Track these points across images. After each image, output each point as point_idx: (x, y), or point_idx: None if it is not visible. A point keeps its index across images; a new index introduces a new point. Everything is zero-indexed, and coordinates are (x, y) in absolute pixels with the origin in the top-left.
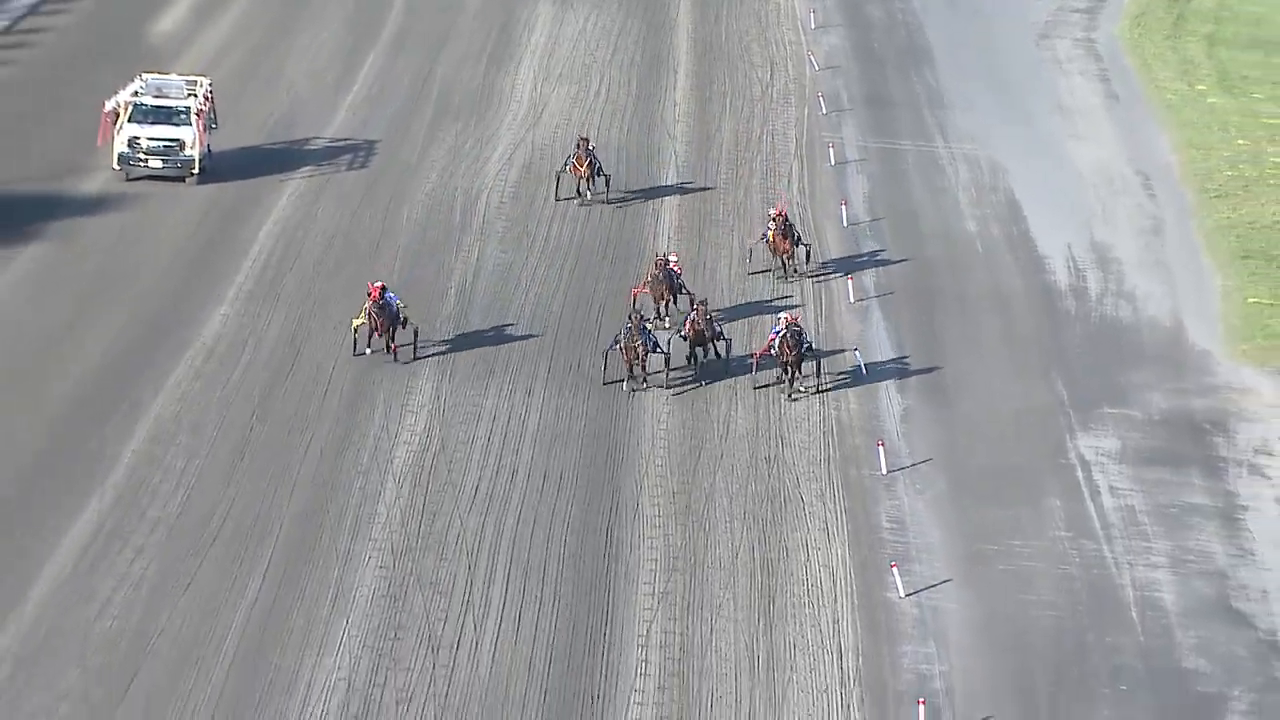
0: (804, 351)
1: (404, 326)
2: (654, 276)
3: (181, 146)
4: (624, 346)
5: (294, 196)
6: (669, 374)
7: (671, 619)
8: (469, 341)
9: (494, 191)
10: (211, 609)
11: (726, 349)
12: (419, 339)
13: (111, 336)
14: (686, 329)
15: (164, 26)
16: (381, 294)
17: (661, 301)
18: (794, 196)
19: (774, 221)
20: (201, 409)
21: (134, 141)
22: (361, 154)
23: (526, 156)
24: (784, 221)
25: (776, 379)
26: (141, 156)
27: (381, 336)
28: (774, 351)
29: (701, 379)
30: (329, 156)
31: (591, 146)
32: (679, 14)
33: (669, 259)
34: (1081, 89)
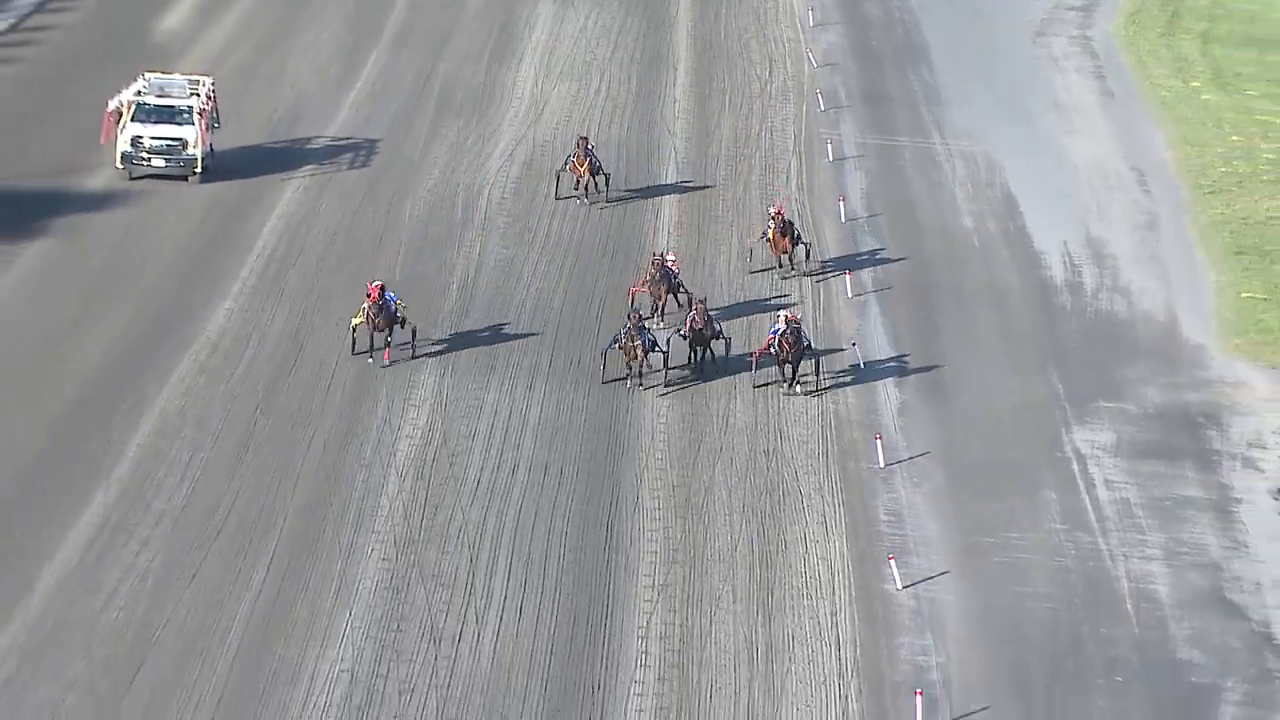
0: (803, 350)
1: (402, 327)
2: (651, 275)
3: (184, 145)
4: (623, 346)
5: (297, 193)
6: (668, 373)
7: (671, 611)
8: (471, 336)
9: (495, 188)
10: (216, 601)
11: (726, 347)
12: (417, 338)
13: (116, 332)
14: (686, 328)
15: (168, 24)
16: (381, 294)
17: (659, 300)
18: (792, 193)
19: (773, 220)
20: (206, 403)
21: (137, 140)
22: (364, 150)
23: (528, 153)
24: (783, 220)
25: (775, 379)
26: (144, 155)
27: (381, 334)
28: (774, 350)
29: (701, 377)
30: (332, 153)
31: (591, 146)
32: (679, 12)
33: (666, 258)
34: (1077, 86)
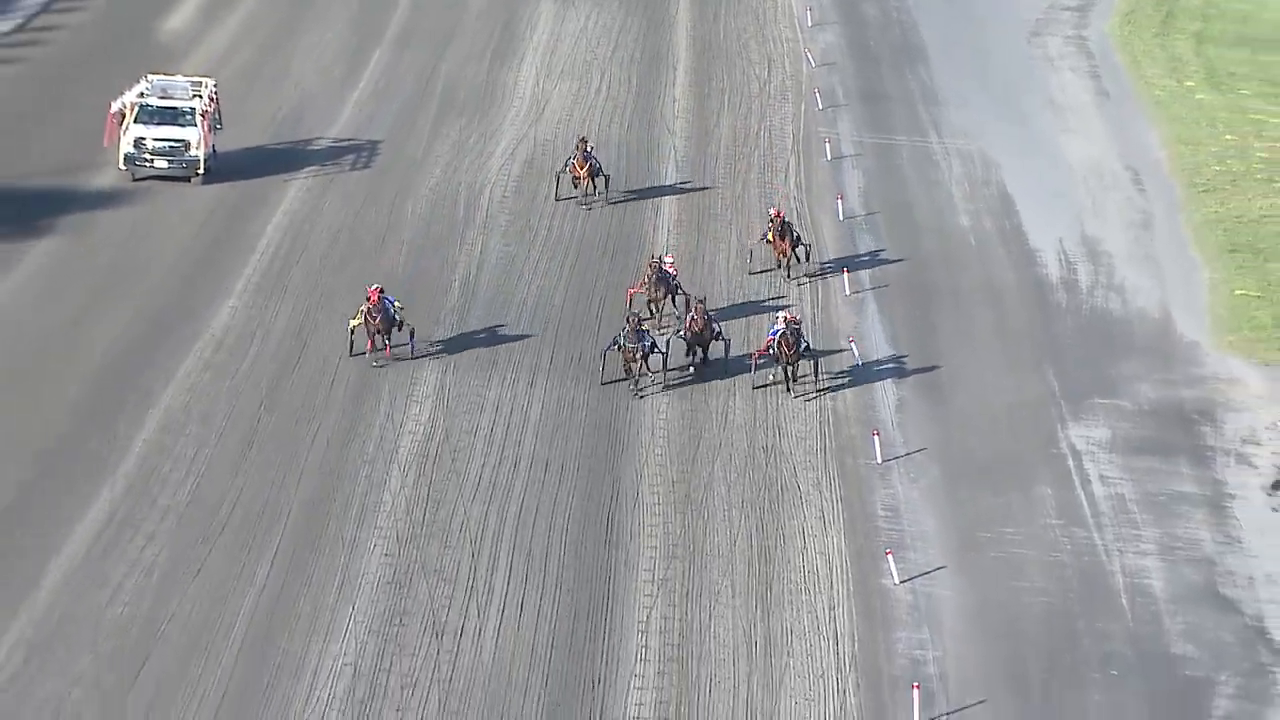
0: (802, 351)
1: (400, 329)
2: (649, 277)
3: (187, 147)
4: (621, 348)
5: (301, 191)
6: (666, 374)
7: (671, 605)
8: (472, 333)
9: (497, 186)
10: (220, 595)
11: (725, 349)
12: (415, 340)
13: (122, 329)
14: (685, 329)
15: (173, 25)
16: (380, 297)
17: (656, 302)
18: (791, 191)
19: (772, 222)
20: (210, 399)
21: (140, 142)
22: (367, 149)
23: (529, 152)
24: (782, 222)
25: (774, 380)
26: (147, 157)
27: (379, 336)
28: (773, 351)
29: (700, 378)
30: (335, 152)
31: (590, 148)
32: (678, 12)
33: (664, 260)
34: (1072, 85)
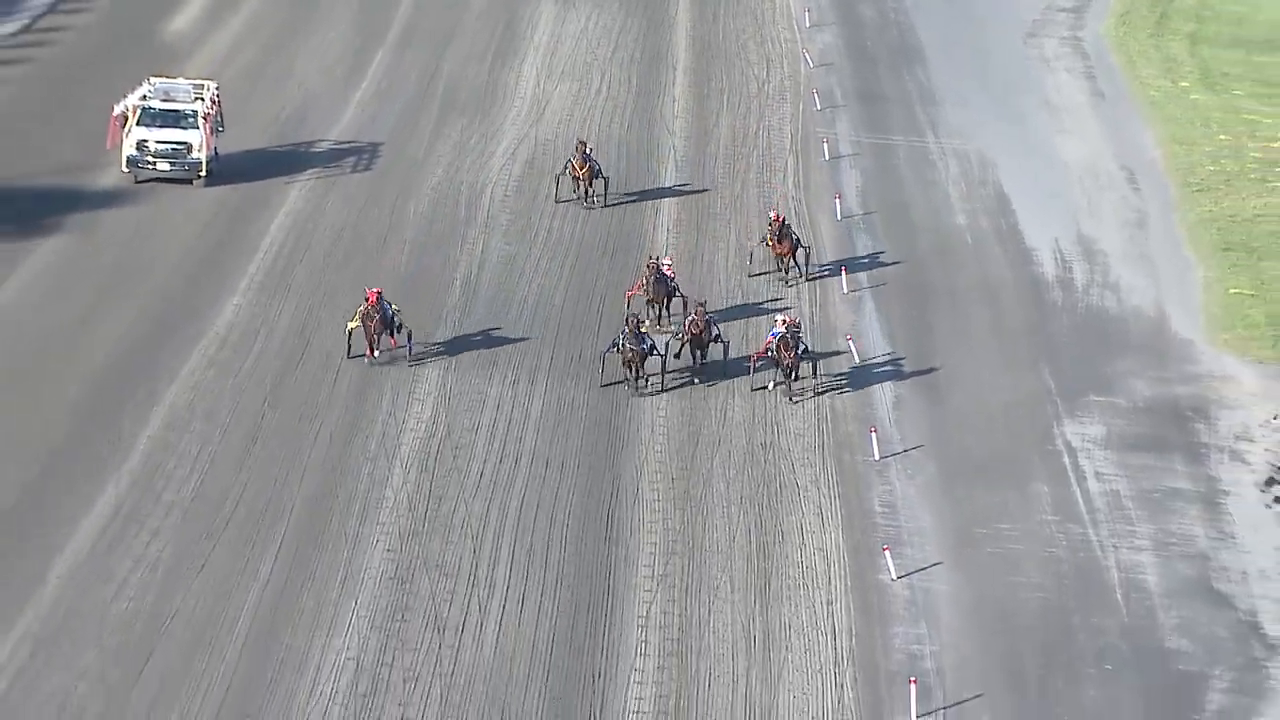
0: (801, 353)
1: (398, 331)
2: (647, 280)
3: (189, 149)
4: (621, 350)
5: (304, 191)
6: (666, 376)
7: (670, 600)
8: (473, 332)
9: (498, 186)
10: (224, 590)
11: (724, 350)
12: (413, 342)
13: (127, 327)
14: (685, 331)
15: (178, 25)
16: (379, 299)
17: (654, 304)
18: (789, 190)
19: (771, 225)
20: (215, 396)
21: (142, 144)
22: (369, 149)
23: (530, 152)
24: (781, 225)
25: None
26: (150, 159)
27: (377, 338)
28: (772, 353)
29: (698, 379)
30: (338, 152)
31: (590, 150)
32: (678, 13)
33: (662, 263)
34: (1068, 86)
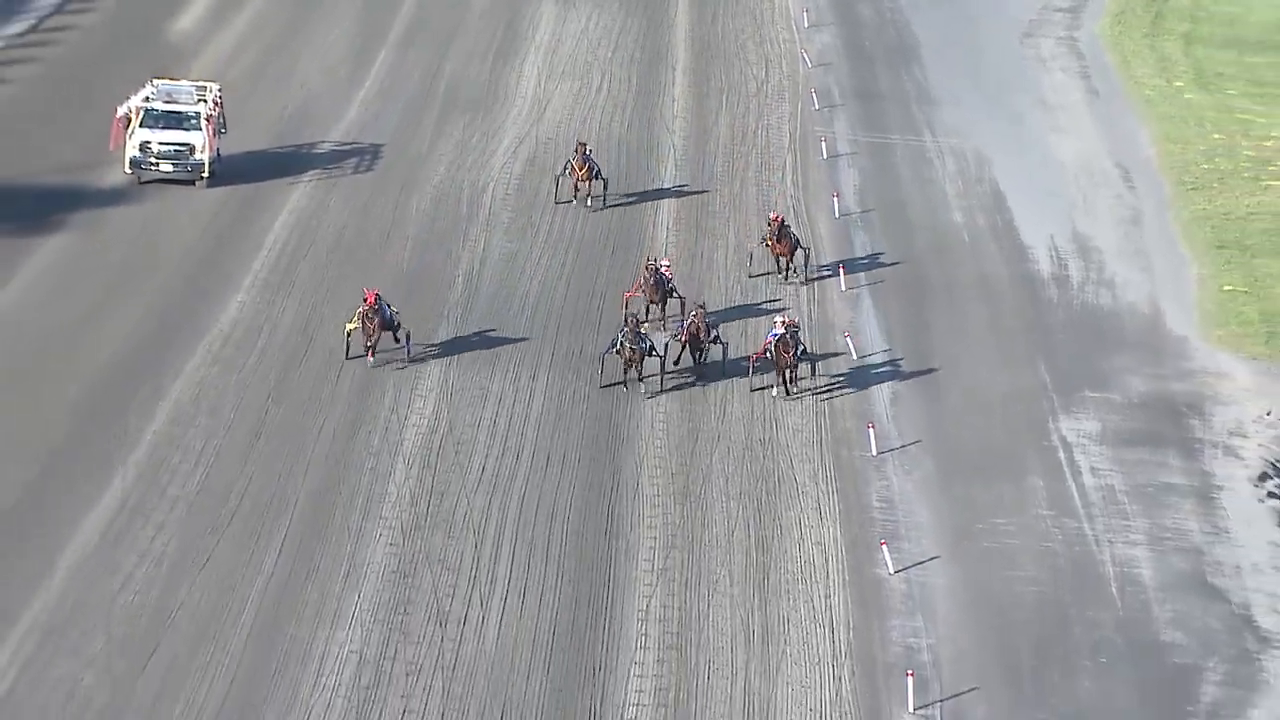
0: (800, 354)
1: (396, 332)
2: (645, 280)
3: (192, 151)
4: (620, 352)
5: (308, 189)
6: (664, 377)
7: (670, 594)
8: (475, 327)
9: (499, 184)
10: (229, 584)
11: (723, 351)
12: (411, 343)
13: (133, 324)
14: (684, 333)
15: (182, 25)
16: (377, 301)
17: (652, 306)
18: (787, 189)
19: (771, 225)
20: (219, 392)
21: (145, 146)
22: (372, 148)
23: (531, 150)
24: (781, 226)
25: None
26: (153, 160)
27: (375, 339)
28: (770, 354)
29: (697, 380)
30: (341, 150)
31: (589, 151)
32: (677, 13)
33: (660, 263)
34: (1064, 85)
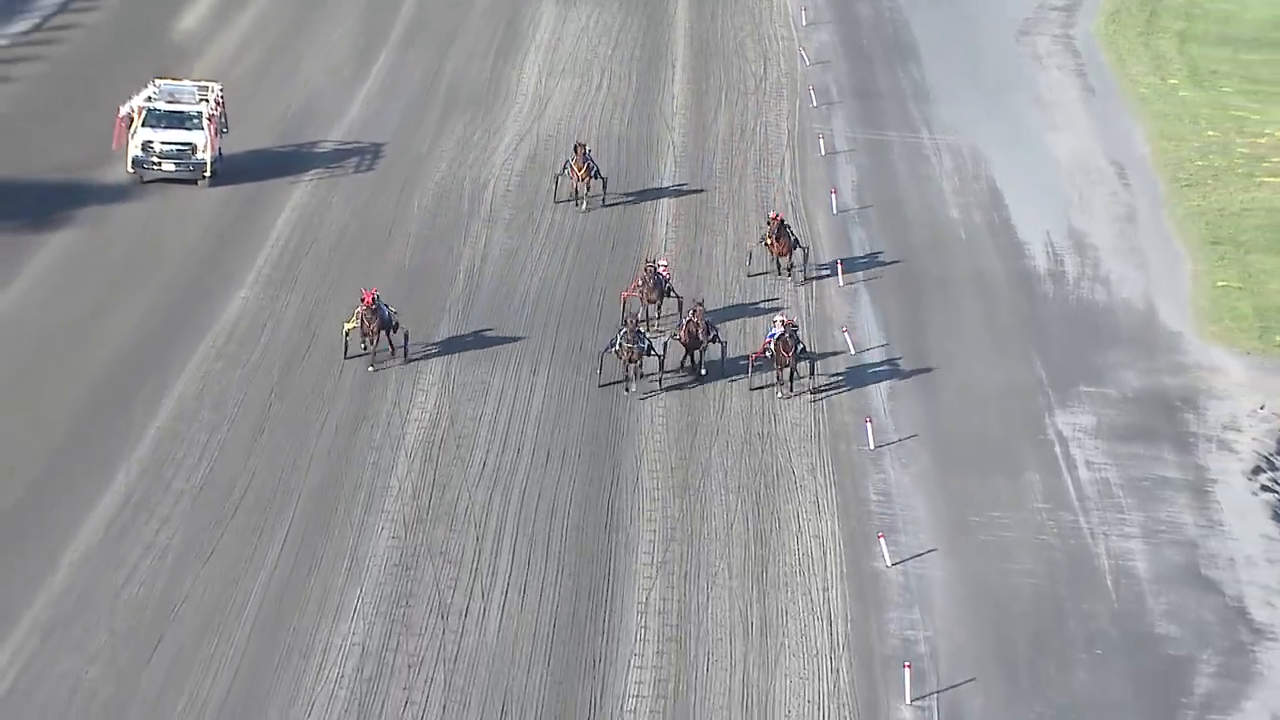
0: (799, 353)
1: (394, 331)
2: (643, 280)
3: (194, 150)
4: (619, 351)
5: (310, 186)
6: (663, 376)
7: (670, 587)
8: (476, 323)
9: (500, 180)
10: (233, 577)
11: (722, 351)
12: (409, 343)
13: (137, 320)
14: (682, 332)
15: (186, 24)
16: (374, 300)
17: (650, 305)
18: (786, 185)
19: (770, 225)
20: (223, 387)
21: (148, 145)
22: (375, 145)
23: (532, 147)
24: (780, 225)
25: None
26: (155, 160)
27: (373, 340)
28: (770, 354)
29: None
30: (344, 148)
31: (589, 151)
32: (677, 11)
33: (658, 263)
34: (1059, 83)
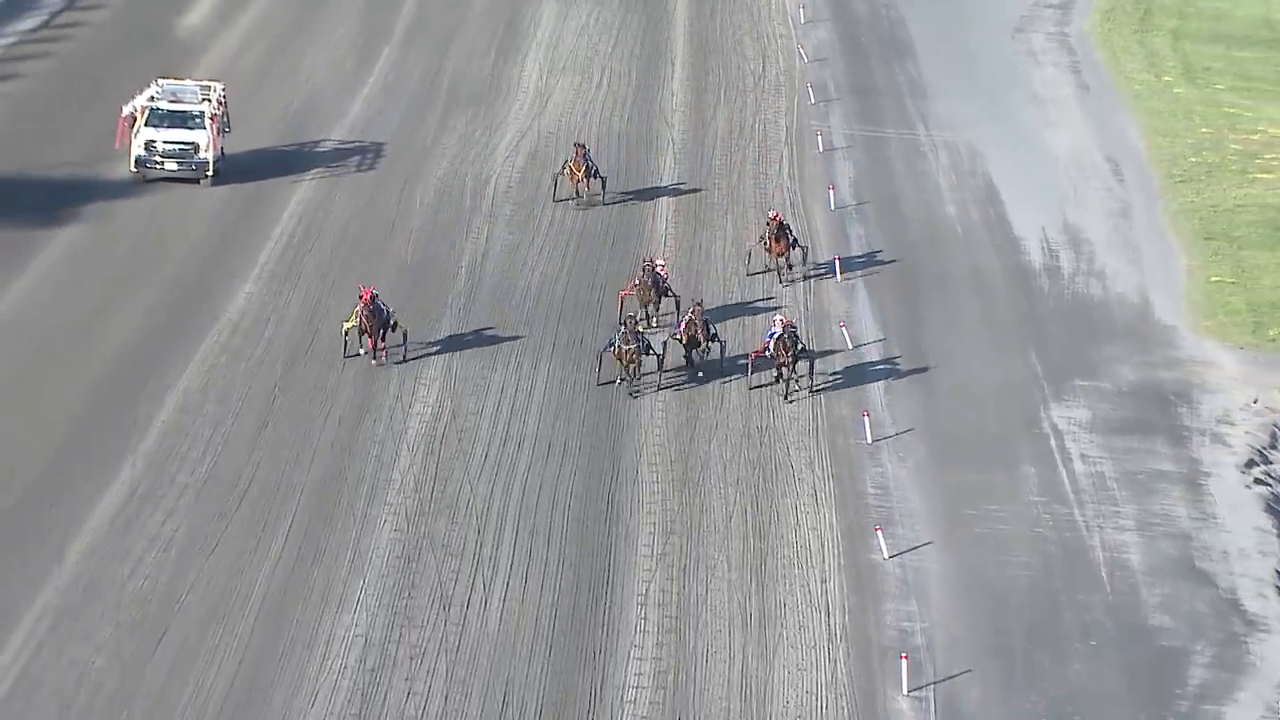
0: (799, 353)
1: (393, 330)
2: (640, 280)
3: (196, 149)
4: (618, 351)
5: (313, 183)
6: (662, 375)
7: (669, 579)
8: (478, 318)
9: (502, 177)
10: (237, 568)
11: (721, 350)
12: (408, 342)
13: (142, 315)
14: (681, 331)
15: (191, 21)
16: (373, 299)
17: (648, 304)
18: (784, 181)
19: (769, 225)
20: (227, 381)
21: (150, 145)
22: (377, 142)
23: (532, 144)
24: (778, 225)
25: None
26: (158, 159)
27: (371, 338)
28: (769, 353)
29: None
30: (346, 145)
31: (588, 152)
32: (676, 9)
33: (655, 263)
34: (1055, 80)
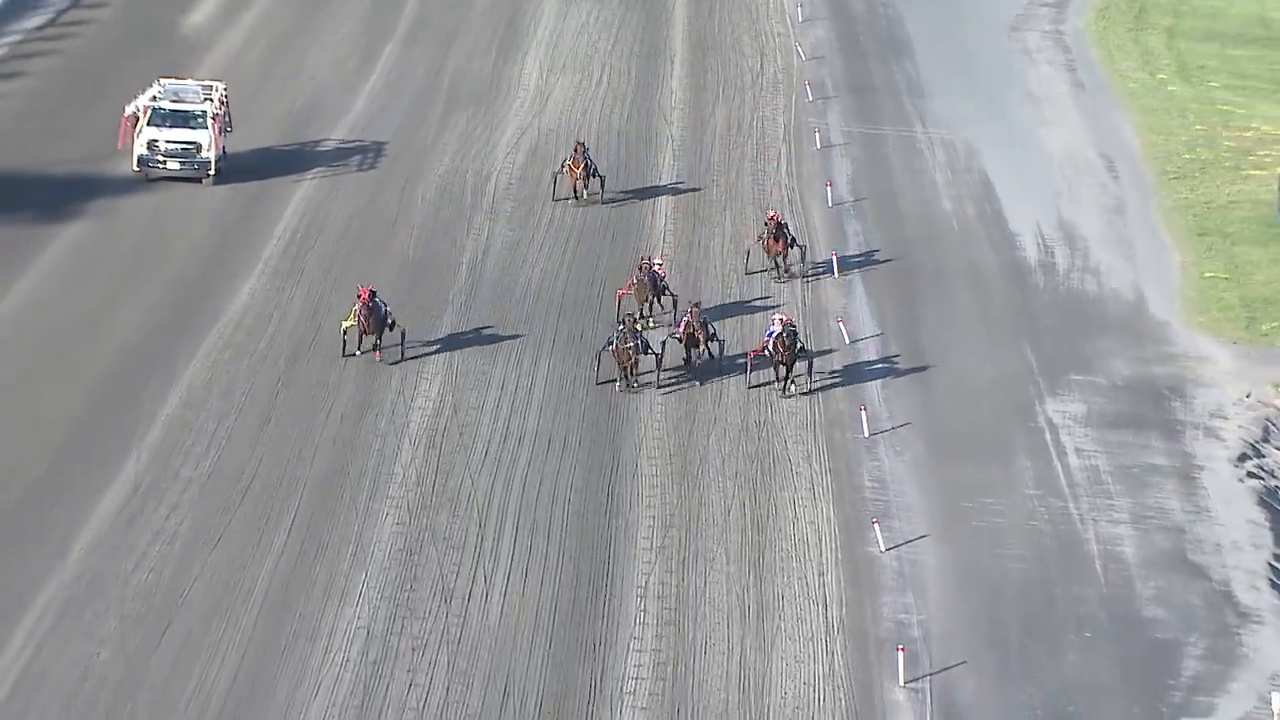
0: (798, 352)
1: (391, 329)
2: (638, 279)
3: (198, 149)
4: (616, 350)
5: (316, 180)
6: (660, 375)
7: (668, 571)
8: (479, 314)
9: (502, 174)
10: (240, 562)
11: (720, 349)
12: (406, 341)
13: (146, 311)
14: (680, 330)
15: (195, 20)
16: (371, 298)
17: (646, 303)
18: (782, 179)
19: (767, 225)
20: (230, 376)
21: (152, 144)
22: (378, 141)
23: (533, 142)
24: (777, 225)
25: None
26: (160, 159)
27: (370, 337)
28: (769, 352)
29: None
30: (349, 142)
31: (587, 151)
32: (675, 8)
33: (653, 262)
34: (1050, 78)
